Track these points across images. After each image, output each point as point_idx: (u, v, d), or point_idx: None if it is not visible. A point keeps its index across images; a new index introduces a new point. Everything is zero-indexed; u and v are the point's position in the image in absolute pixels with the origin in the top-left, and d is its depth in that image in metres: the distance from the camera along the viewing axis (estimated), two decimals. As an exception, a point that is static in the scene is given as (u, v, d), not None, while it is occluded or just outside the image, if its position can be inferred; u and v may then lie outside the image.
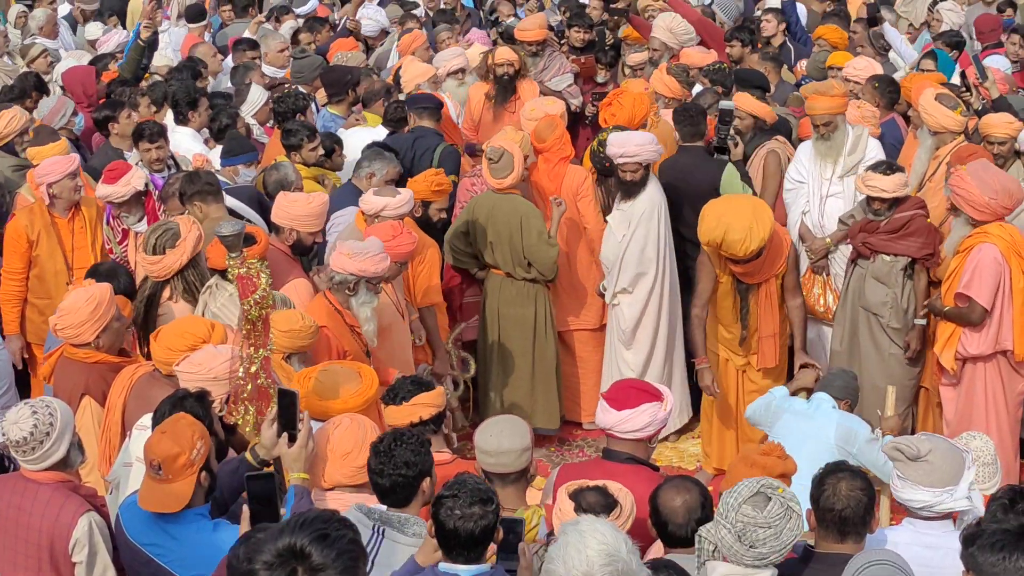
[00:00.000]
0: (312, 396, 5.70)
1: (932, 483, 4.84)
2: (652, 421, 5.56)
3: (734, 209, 7.51)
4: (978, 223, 7.45)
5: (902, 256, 7.89)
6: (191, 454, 4.70)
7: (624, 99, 9.31)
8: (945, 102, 8.56)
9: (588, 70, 11.70)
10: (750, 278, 7.74)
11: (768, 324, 7.85)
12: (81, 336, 6.17)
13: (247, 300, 5.04)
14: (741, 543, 4.29)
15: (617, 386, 5.87)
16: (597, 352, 9.09)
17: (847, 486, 4.57)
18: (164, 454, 4.67)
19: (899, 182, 7.84)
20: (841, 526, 4.55)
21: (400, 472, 4.72)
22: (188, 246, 6.83)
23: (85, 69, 10.95)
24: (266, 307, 5.07)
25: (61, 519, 5.02)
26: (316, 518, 3.28)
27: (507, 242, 8.47)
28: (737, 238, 7.39)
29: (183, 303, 6.85)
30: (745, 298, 7.80)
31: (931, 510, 4.86)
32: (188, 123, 9.62)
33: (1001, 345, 7.49)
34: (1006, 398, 7.66)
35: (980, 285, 7.38)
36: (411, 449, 4.75)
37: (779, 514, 4.30)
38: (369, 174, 8.36)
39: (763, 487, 4.37)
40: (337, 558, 3.18)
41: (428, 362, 7.94)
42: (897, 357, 8.05)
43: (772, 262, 7.70)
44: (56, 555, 5.04)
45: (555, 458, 8.73)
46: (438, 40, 12.24)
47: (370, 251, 6.73)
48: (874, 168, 7.94)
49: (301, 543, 3.19)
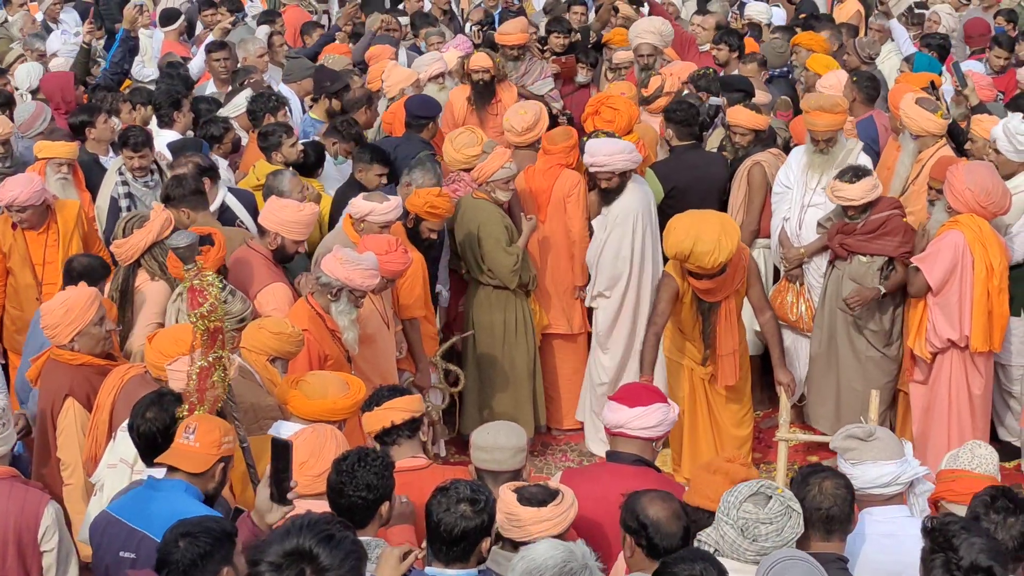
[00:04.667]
0: (299, 395, 5.72)
1: (891, 456, 4.99)
2: (664, 420, 5.52)
3: (702, 221, 7.52)
4: (953, 211, 7.64)
5: (878, 256, 7.98)
6: (222, 436, 4.87)
7: (617, 103, 9.32)
8: (925, 106, 8.62)
9: (569, 71, 11.75)
10: (711, 295, 7.73)
11: (727, 342, 7.87)
12: (56, 337, 6.23)
13: (194, 313, 5.06)
14: (744, 537, 4.38)
15: (626, 387, 5.87)
16: (573, 357, 9.10)
17: (831, 484, 4.63)
18: (203, 424, 4.85)
19: (866, 187, 7.91)
20: (827, 524, 4.61)
21: (360, 494, 4.71)
22: (155, 227, 6.94)
23: (63, 75, 10.89)
24: (213, 320, 5.08)
25: (27, 510, 5.08)
26: (319, 520, 3.39)
27: (470, 248, 8.53)
28: (706, 250, 7.37)
29: (161, 282, 6.96)
30: (707, 317, 7.79)
31: (898, 482, 4.97)
32: (172, 125, 9.59)
33: (964, 333, 7.66)
34: (970, 394, 7.81)
35: (933, 262, 7.65)
36: (374, 472, 4.72)
37: (780, 512, 4.40)
38: (405, 182, 8.31)
39: (763, 487, 4.47)
40: (344, 559, 3.27)
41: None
42: (875, 359, 8.14)
43: (732, 279, 7.74)
44: (24, 547, 5.08)
45: (538, 463, 8.73)
46: (428, 43, 12.26)
47: (362, 264, 6.75)
48: (840, 177, 8.00)
49: (308, 544, 3.27)
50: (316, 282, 6.84)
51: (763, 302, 8.02)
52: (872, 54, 11.36)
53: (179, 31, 13.20)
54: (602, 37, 12.19)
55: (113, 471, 5.56)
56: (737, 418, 8.11)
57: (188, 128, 9.67)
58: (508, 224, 8.52)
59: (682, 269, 7.66)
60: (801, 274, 8.62)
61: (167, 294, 6.92)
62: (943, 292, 7.66)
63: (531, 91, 10.93)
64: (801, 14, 14.01)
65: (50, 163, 8.53)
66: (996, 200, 7.59)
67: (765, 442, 8.73)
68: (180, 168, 8.09)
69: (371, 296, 7.12)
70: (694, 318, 7.82)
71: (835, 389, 8.31)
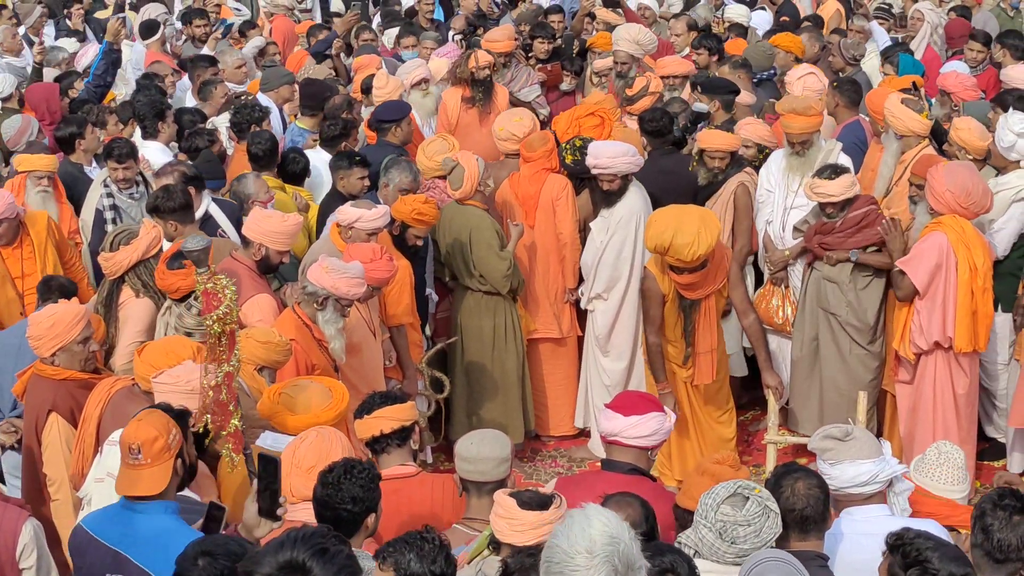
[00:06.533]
0: (283, 410, 5.70)
1: (869, 454, 4.99)
2: (659, 429, 5.53)
3: (683, 214, 7.60)
4: (935, 213, 7.67)
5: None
6: (168, 438, 4.81)
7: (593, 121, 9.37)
8: (911, 106, 8.65)
9: (554, 78, 11.80)
10: (692, 291, 7.77)
11: (705, 341, 7.93)
12: (39, 349, 6.20)
13: (210, 316, 5.05)
14: (722, 540, 4.38)
15: (622, 396, 5.87)
16: (563, 362, 9.10)
17: (804, 485, 4.64)
18: (143, 437, 4.77)
19: (845, 184, 7.94)
20: (802, 525, 4.62)
21: (346, 507, 4.70)
22: (141, 245, 6.95)
23: (49, 86, 10.87)
24: (229, 323, 5.08)
25: (5, 527, 5.04)
26: (314, 533, 3.37)
27: (460, 254, 8.51)
28: (685, 242, 7.42)
29: (146, 299, 6.96)
30: (689, 315, 7.84)
31: (876, 481, 4.98)
32: (157, 136, 9.57)
33: (948, 334, 7.67)
34: (954, 394, 7.83)
35: (917, 265, 7.66)
36: (360, 484, 4.71)
37: (757, 513, 4.40)
38: (383, 183, 8.33)
39: (740, 488, 4.46)
40: (337, 573, 3.23)
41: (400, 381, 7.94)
42: (859, 357, 8.17)
43: (714, 276, 7.78)
44: (1, 564, 5.03)
45: (527, 469, 8.72)
46: (422, 48, 12.28)
47: (348, 272, 6.75)
48: (819, 174, 8.03)
49: (302, 557, 3.26)
50: (302, 291, 6.83)
51: (746, 304, 8.06)
52: (857, 55, 11.40)
53: (161, 41, 13.17)
54: (586, 43, 12.21)
55: (100, 485, 5.50)
56: (719, 418, 8.16)
57: (172, 139, 9.66)
58: (499, 229, 8.55)
59: (663, 264, 7.70)
60: (786, 277, 8.63)
61: (152, 311, 6.92)
62: (928, 293, 7.68)
63: (518, 97, 10.95)
64: (782, 17, 14.02)
65: (30, 176, 8.52)
66: (977, 200, 7.62)
67: (754, 445, 8.74)
68: (166, 177, 8.07)
69: (357, 305, 7.12)
70: (676, 316, 7.85)
71: (818, 390, 8.33)
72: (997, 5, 14.70)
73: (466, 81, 10.39)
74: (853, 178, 8.08)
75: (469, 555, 4.79)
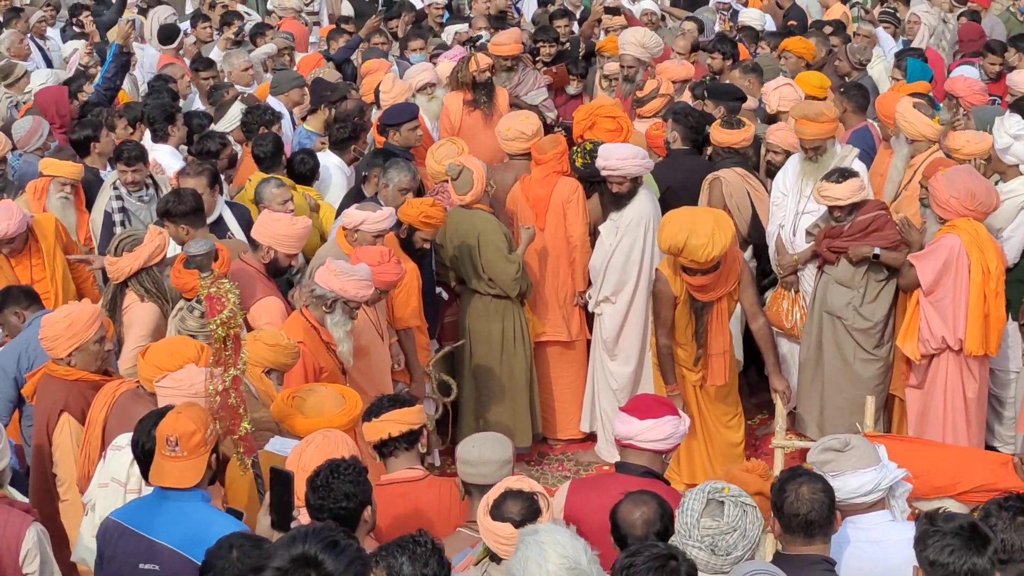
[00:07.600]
0: (295, 412, 5.71)
1: (869, 464, 4.98)
2: (674, 433, 5.49)
3: (696, 216, 7.65)
4: (943, 220, 7.68)
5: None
6: (205, 433, 4.87)
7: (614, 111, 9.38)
8: (923, 110, 8.67)
9: (560, 80, 11.80)
10: (704, 293, 7.79)
11: (718, 342, 7.97)
12: (55, 350, 6.19)
13: (213, 320, 5.07)
14: (716, 555, 4.34)
15: (637, 399, 5.86)
16: (572, 366, 9.11)
17: (808, 489, 4.60)
18: (181, 430, 4.82)
19: (853, 188, 7.94)
20: (807, 529, 4.59)
21: (341, 505, 4.71)
22: (144, 252, 6.97)
23: (58, 89, 10.89)
24: (233, 327, 5.10)
25: (8, 532, 5.04)
26: (324, 527, 3.49)
27: (468, 258, 8.53)
28: (700, 243, 7.45)
29: (150, 303, 6.99)
30: (701, 317, 7.87)
31: (879, 488, 4.96)
32: (167, 140, 9.60)
33: (958, 336, 7.67)
34: (964, 398, 7.82)
35: (926, 261, 7.66)
36: (349, 480, 4.73)
37: (738, 515, 4.37)
38: (384, 184, 8.35)
39: (711, 493, 4.42)
40: (349, 566, 3.33)
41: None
42: (863, 360, 8.16)
43: (726, 277, 7.80)
44: (4, 569, 5.04)
45: (535, 472, 8.73)
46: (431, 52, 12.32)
47: (356, 275, 6.77)
48: (827, 178, 8.04)
49: (314, 550, 3.36)
50: (310, 294, 6.85)
51: (756, 308, 8.07)
52: (863, 60, 11.41)
53: (177, 48, 13.24)
54: (594, 46, 12.22)
55: (105, 491, 5.52)
56: (728, 423, 8.18)
57: (182, 142, 9.70)
58: (507, 232, 8.56)
59: (676, 265, 7.71)
60: (796, 281, 8.64)
61: (156, 316, 6.94)
62: (936, 293, 7.67)
63: (525, 101, 10.96)
64: (789, 21, 14.04)
65: (54, 181, 8.57)
66: (982, 200, 7.61)
67: (762, 449, 8.74)
68: (193, 176, 8.09)
69: (365, 308, 7.14)
70: (688, 318, 7.87)
71: (820, 393, 8.33)
72: (1007, 9, 14.70)
73: (467, 85, 10.41)
74: (862, 182, 8.08)
75: (476, 557, 4.81)
